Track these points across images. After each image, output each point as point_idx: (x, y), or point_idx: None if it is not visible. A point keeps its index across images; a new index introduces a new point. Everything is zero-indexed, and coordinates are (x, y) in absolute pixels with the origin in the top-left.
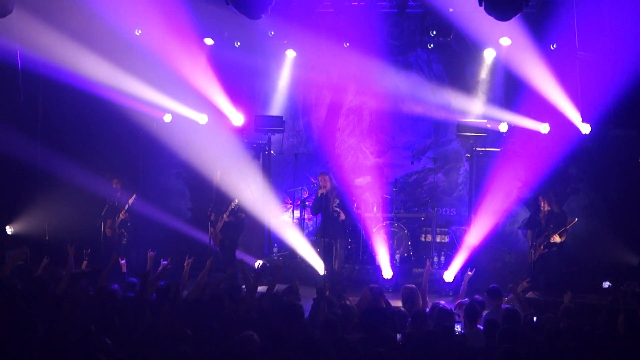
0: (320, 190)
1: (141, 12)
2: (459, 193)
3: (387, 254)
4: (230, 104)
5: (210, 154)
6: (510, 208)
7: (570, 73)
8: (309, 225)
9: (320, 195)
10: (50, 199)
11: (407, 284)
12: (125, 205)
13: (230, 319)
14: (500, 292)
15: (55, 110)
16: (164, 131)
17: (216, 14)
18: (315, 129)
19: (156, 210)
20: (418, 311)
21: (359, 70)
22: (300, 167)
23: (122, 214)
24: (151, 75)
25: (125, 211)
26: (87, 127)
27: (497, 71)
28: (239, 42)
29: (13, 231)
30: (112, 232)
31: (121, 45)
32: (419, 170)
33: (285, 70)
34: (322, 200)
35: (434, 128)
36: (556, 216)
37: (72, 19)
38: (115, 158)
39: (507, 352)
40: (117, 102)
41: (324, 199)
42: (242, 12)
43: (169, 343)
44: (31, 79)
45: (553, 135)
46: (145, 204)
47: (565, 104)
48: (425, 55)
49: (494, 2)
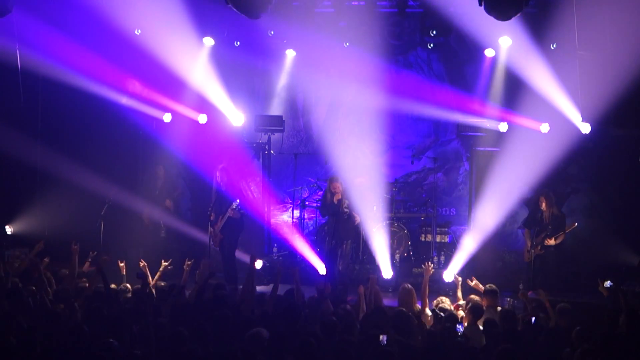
0: (336, 196)
1: (141, 12)
2: (458, 193)
3: (387, 254)
4: (230, 103)
5: (210, 154)
6: (510, 208)
7: (570, 73)
8: (309, 225)
9: (333, 201)
10: (50, 199)
11: (405, 284)
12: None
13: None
14: (497, 292)
15: (55, 110)
16: (163, 131)
17: (216, 13)
18: (315, 129)
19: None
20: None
21: (359, 70)
22: (300, 166)
23: (167, 202)
24: (151, 75)
25: (170, 200)
26: (87, 127)
27: (497, 71)
28: (238, 41)
29: (13, 231)
30: (148, 221)
31: (121, 45)
32: (419, 170)
33: (285, 70)
34: (333, 204)
35: (434, 128)
36: (555, 217)
37: (72, 19)
38: (115, 158)
39: (504, 352)
40: (117, 102)
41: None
42: (241, 11)
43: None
44: (31, 79)
45: (553, 135)
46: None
47: (565, 104)
48: (425, 54)
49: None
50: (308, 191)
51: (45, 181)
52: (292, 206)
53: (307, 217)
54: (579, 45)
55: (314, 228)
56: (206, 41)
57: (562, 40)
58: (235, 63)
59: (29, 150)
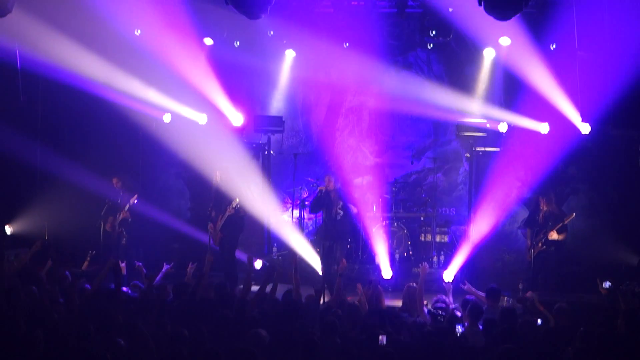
0: (321, 187)
1: (141, 12)
2: (458, 193)
3: (386, 254)
4: (229, 103)
5: (210, 154)
6: (510, 208)
7: (570, 73)
8: (308, 225)
9: (320, 193)
10: (50, 198)
11: (410, 283)
12: (127, 204)
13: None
14: (499, 291)
15: (54, 110)
16: (163, 131)
17: (216, 13)
18: (314, 129)
19: (156, 210)
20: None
21: (358, 70)
22: (299, 166)
23: (122, 213)
24: (151, 75)
25: (126, 210)
26: (87, 127)
27: (496, 71)
28: (238, 41)
29: (13, 231)
30: (112, 229)
31: (121, 45)
32: (419, 170)
33: (285, 70)
34: (322, 199)
35: (434, 128)
36: (555, 216)
37: (72, 19)
38: (115, 158)
39: (505, 352)
40: (117, 102)
41: (325, 200)
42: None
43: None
44: (31, 79)
45: (553, 135)
46: (145, 204)
47: (564, 104)
48: (425, 55)
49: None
50: (308, 191)
51: (45, 181)
52: (291, 206)
53: (307, 217)
54: (578, 45)
55: (314, 228)
56: (206, 41)
57: (562, 40)
58: (234, 63)
59: (29, 150)
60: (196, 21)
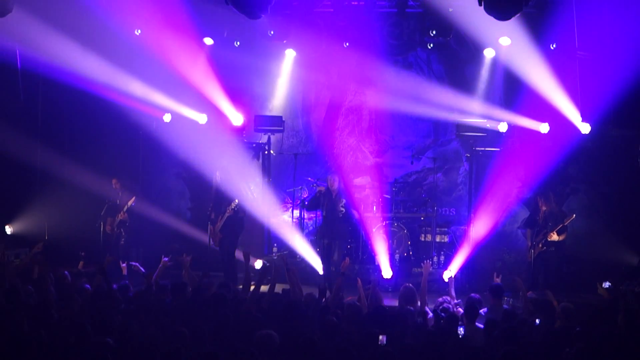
0: (320, 187)
1: (141, 12)
2: (458, 193)
3: (386, 254)
4: (229, 103)
5: (210, 154)
6: (510, 208)
7: (570, 73)
8: (308, 225)
9: (319, 193)
10: (50, 198)
11: (406, 284)
12: (125, 206)
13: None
14: (502, 289)
15: (54, 110)
16: (163, 131)
17: (216, 13)
18: (314, 129)
19: (156, 210)
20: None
21: (358, 70)
22: (299, 166)
23: (121, 214)
24: (151, 75)
25: (124, 212)
26: (87, 127)
27: (496, 71)
28: (238, 41)
29: (13, 231)
30: (111, 230)
31: (121, 45)
32: (419, 170)
33: (285, 70)
34: (320, 198)
35: (434, 128)
36: (555, 216)
37: (72, 19)
38: (115, 158)
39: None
40: (117, 102)
41: (325, 199)
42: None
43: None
44: (31, 79)
45: (553, 135)
46: (145, 204)
47: (565, 104)
48: (425, 55)
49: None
50: (308, 191)
51: (45, 181)
52: (292, 206)
53: (307, 217)
54: (578, 46)
55: (314, 228)
56: (206, 41)
57: (562, 40)
58: (234, 63)
59: (29, 150)
60: (196, 21)
